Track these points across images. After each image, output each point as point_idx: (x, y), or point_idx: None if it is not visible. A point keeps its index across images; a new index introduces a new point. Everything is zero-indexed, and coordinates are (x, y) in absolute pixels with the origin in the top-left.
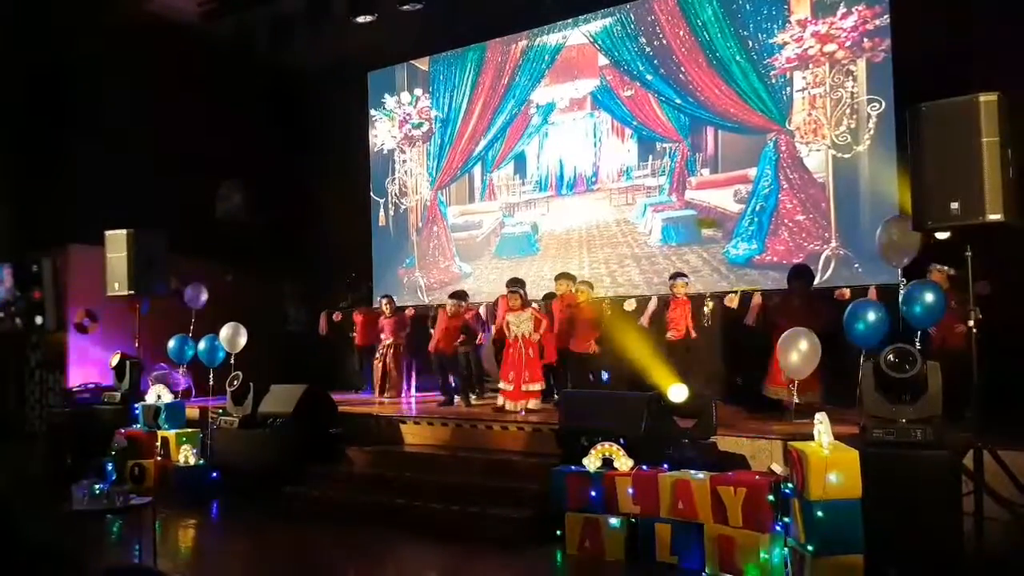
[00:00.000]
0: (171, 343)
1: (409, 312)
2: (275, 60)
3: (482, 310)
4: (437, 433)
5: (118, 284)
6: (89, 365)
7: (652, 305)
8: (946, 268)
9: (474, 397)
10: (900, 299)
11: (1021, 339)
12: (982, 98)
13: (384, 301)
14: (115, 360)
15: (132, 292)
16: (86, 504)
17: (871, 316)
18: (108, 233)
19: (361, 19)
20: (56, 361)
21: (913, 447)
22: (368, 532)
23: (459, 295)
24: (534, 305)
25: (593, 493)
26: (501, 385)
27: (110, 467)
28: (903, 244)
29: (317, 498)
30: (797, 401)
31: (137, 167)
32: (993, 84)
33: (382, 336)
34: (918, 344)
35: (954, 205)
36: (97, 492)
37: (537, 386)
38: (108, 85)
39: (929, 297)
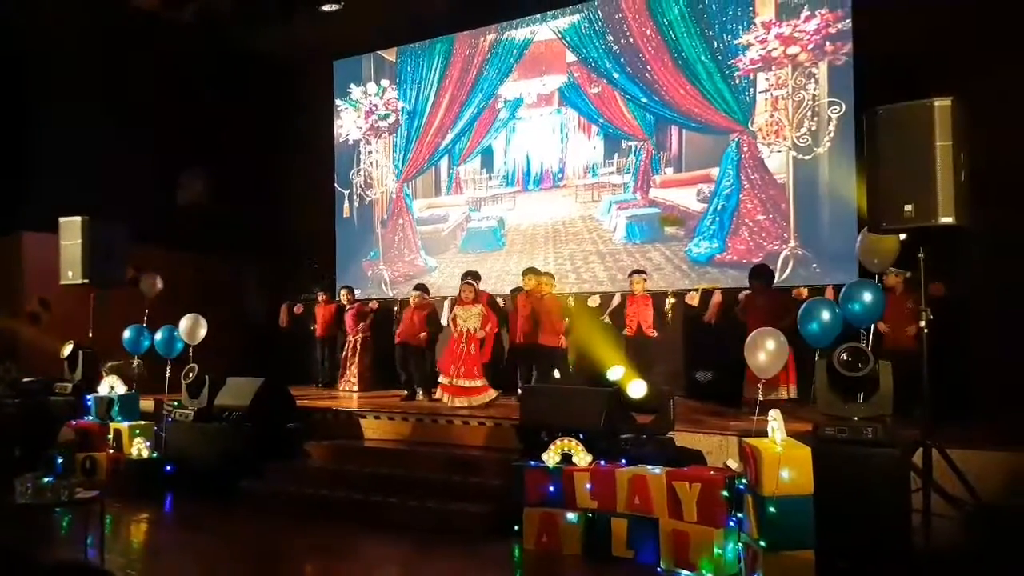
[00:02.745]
0: (126, 333)
1: (372, 305)
2: (239, 46)
3: (446, 304)
4: (398, 428)
5: (72, 272)
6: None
7: (615, 301)
8: (901, 271)
9: (421, 392)
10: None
11: (970, 340)
12: (936, 102)
13: (343, 292)
14: (67, 350)
15: (87, 281)
16: (30, 498)
17: (825, 315)
18: (62, 220)
19: (327, 7)
20: (6, 350)
21: (864, 445)
22: (326, 527)
23: (422, 287)
24: (498, 300)
25: (551, 488)
26: (440, 379)
27: (59, 460)
28: (882, 249)
29: (274, 493)
30: (762, 399)
31: (94, 152)
32: (949, 89)
33: (347, 328)
34: (868, 344)
35: (908, 207)
36: (43, 485)
37: (467, 383)
38: (65, 68)
39: (867, 296)
